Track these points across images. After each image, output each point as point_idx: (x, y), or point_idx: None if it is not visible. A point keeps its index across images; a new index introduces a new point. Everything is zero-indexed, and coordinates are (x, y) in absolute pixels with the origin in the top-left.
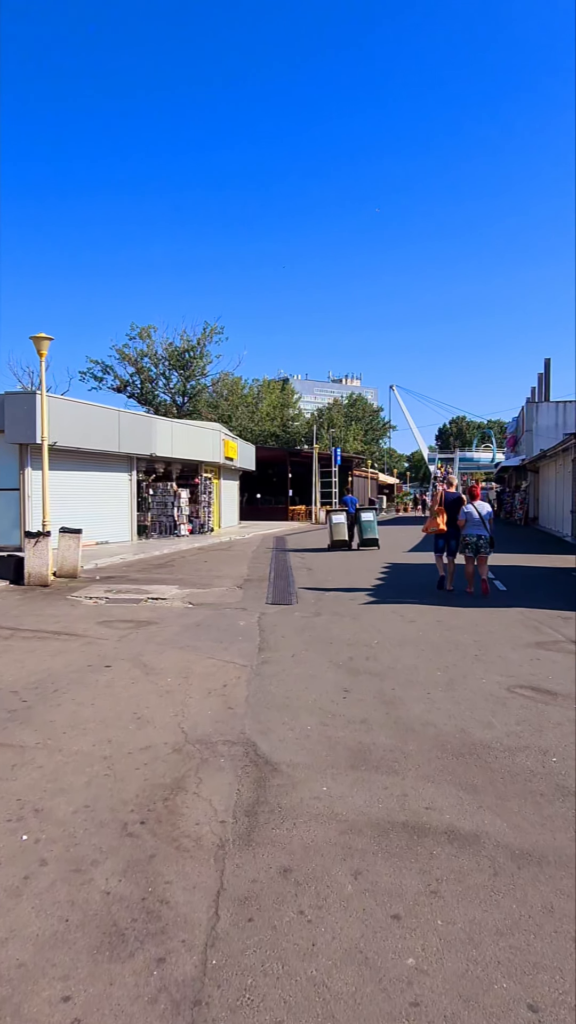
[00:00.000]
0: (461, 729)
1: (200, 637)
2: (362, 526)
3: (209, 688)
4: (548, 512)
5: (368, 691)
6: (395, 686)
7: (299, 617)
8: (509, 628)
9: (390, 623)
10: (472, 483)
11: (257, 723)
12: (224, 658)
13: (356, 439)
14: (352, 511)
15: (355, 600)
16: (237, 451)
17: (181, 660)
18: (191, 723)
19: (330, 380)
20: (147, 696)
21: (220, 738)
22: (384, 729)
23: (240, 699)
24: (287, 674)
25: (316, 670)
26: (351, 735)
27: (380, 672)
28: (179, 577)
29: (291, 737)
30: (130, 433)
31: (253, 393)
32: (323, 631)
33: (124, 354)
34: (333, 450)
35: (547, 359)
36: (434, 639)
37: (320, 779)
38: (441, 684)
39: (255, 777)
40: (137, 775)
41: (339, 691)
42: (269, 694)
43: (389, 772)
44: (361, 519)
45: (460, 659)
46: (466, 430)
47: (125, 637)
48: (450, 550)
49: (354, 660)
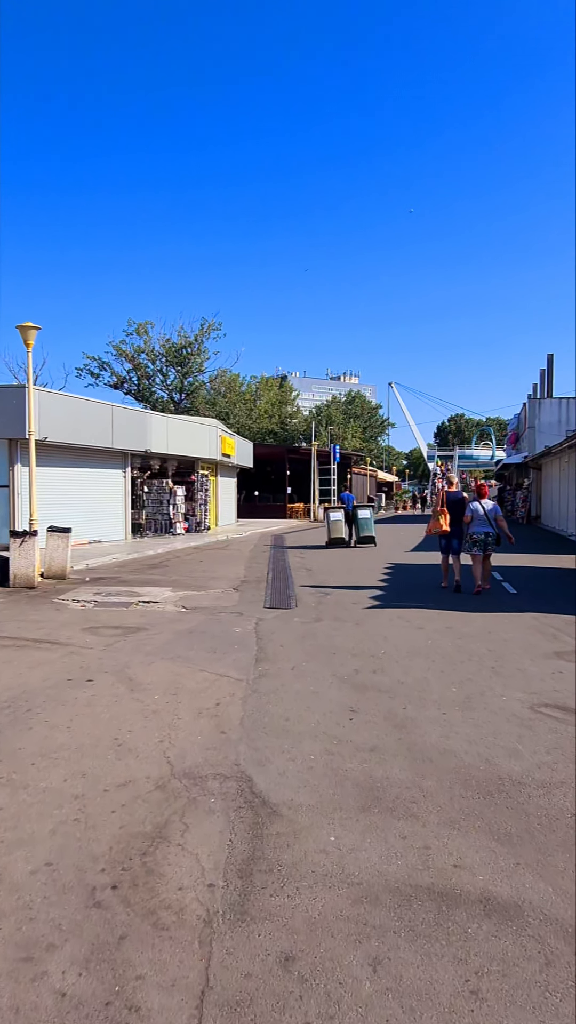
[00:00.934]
0: (485, 759)
1: (192, 646)
2: (359, 524)
3: (200, 707)
4: (551, 510)
5: (377, 711)
6: (406, 704)
7: (299, 623)
8: (524, 636)
9: (397, 630)
10: (471, 481)
11: (253, 751)
12: (218, 671)
13: (355, 436)
14: (349, 508)
15: (358, 604)
16: (234, 448)
17: (171, 673)
18: (178, 751)
19: (328, 377)
20: (131, 717)
21: (211, 770)
22: (397, 759)
23: (234, 721)
24: (286, 690)
25: (318, 685)
26: (360, 767)
27: (389, 688)
28: (173, 578)
29: (292, 769)
30: (124, 429)
31: (251, 390)
32: (325, 639)
33: (121, 350)
34: (332, 447)
35: (550, 355)
36: (445, 648)
37: (327, 825)
38: (457, 702)
39: (251, 823)
40: (112, 820)
41: (344, 711)
42: (267, 715)
43: (407, 816)
44: (358, 517)
45: (475, 672)
46: (464, 428)
47: (112, 646)
48: (454, 549)
49: (360, 673)
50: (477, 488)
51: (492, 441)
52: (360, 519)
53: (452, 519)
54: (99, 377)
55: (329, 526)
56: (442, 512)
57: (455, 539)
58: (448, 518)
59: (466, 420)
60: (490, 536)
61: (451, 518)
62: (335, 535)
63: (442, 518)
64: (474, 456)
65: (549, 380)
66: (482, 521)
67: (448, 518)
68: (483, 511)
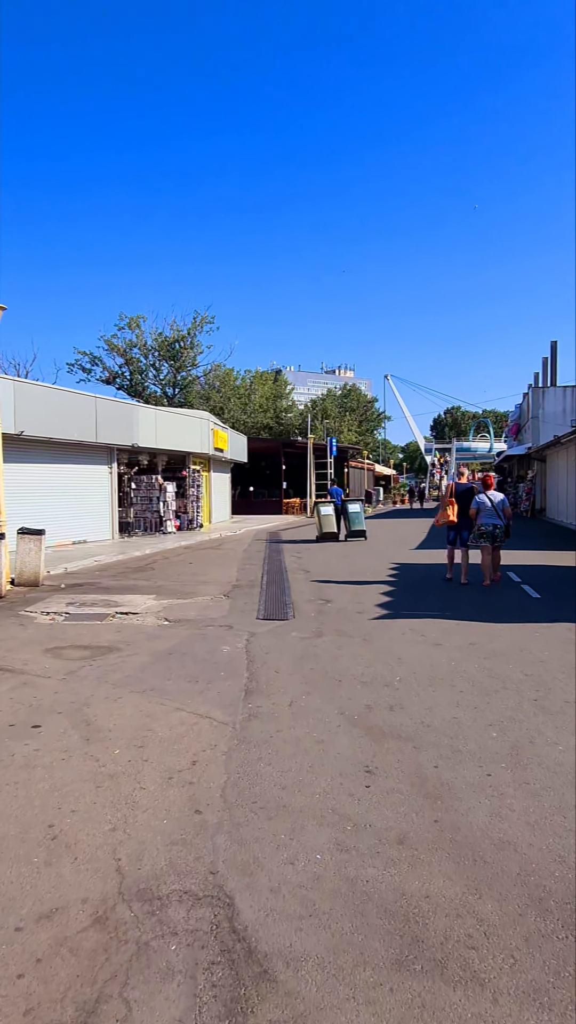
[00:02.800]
0: (558, 857)
1: (171, 673)
2: (350, 518)
3: (172, 768)
4: (557, 503)
5: (400, 771)
6: (437, 760)
7: (297, 639)
8: (563, 654)
9: (411, 647)
10: (469, 474)
11: (237, 846)
12: (198, 709)
13: (351, 430)
14: (339, 503)
15: (363, 613)
16: (227, 442)
17: (140, 713)
18: (134, 847)
19: (323, 371)
20: (78, 786)
21: (176, 884)
22: (437, 858)
23: (214, 791)
24: (283, 739)
25: (323, 730)
26: (386, 875)
27: (412, 733)
28: (158, 584)
29: (291, 880)
30: (109, 422)
31: (245, 385)
32: (328, 661)
33: (113, 345)
34: (329, 440)
35: (553, 342)
36: (472, 673)
37: (347, 1004)
38: (502, 755)
39: (228, 998)
40: (14, 994)
41: (358, 771)
42: (257, 780)
43: (465, 978)
44: (348, 511)
45: (515, 707)
46: (461, 420)
47: (75, 673)
48: (462, 540)
49: (373, 711)
50: (484, 479)
51: (490, 433)
52: (351, 514)
53: (461, 511)
54: (91, 372)
55: (320, 520)
56: (450, 503)
57: (464, 531)
58: (456, 509)
59: (462, 412)
60: (498, 528)
61: (460, 509)
62: (326, 529)
63: (450, 509)
64: (472, 448)
65: (553, 368)
66: (490, 513)
67: (456, 509)
68: (490, 503)
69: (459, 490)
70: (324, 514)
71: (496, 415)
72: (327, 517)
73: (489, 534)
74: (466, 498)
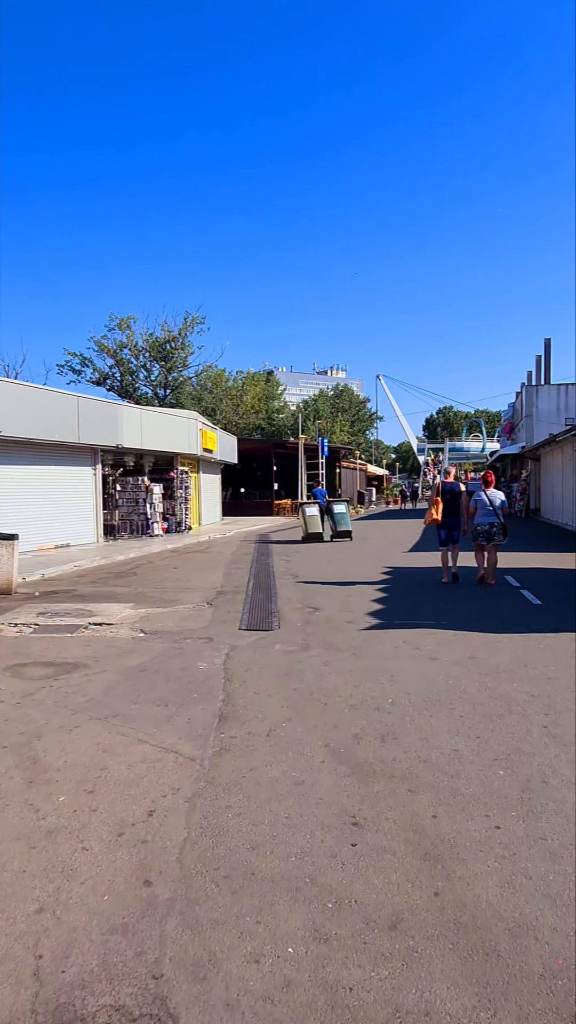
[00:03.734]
0: None
1: (139, 695)
2: (335, 518)
3: (123, 821)
4: (553, 503)
5: (393, 823)
6: (436, 808)
7: (281, 653)
8: (571, 670)
9: (405, 662)
10: (460, 474)
11: (191, 936)
12: (164, 740)
13: (343, 430)
14: (323, 503)
15: (353, 623)
16: (217, 442)
17: (96, 748)
18: (63, 937)
19: (315, 372)
20: (7, 847)
21: (107, 998)
22: (439, 951)
23: (171, 853)
24: (258, 780)
25: (305, 767)
26: (377, 981)
27: (406, 771)
28: (138, 591)
29: (255, 994)
30: (92, 422)
31: (237, 386)
32: (314, 679)
33: (103, 346)
34: (320, 440)
35: (547, 339)
36: (472, 692)
37: None
38: (512, 800)
39: None
40: None
41: (344, 824)
42: (223, 837)
43: None
44: (334, 511)
45: (523, 736)
46: (453, 420)
47: (32, 696)
48: (453, 539)
49: (362, 741)
50: (484, 477)
51: (483, 433)
52: (336, 514)
53: (447, 510)
54: (81, 374)
55: (305, 521)
56: (436, 502)
57: (454, 531)
58: (441, 508)
59: (454, 412)
60: (495, 527)
61: (446, 509)
62: (311, 530)
63: (435, 508)
64: (465, 448)
65: (547, 366)
66: (488, 512)
67: (441, 508)
68: (489, 502)
69: (445, 489)
70: (309, 515)
71: (488, 415)
72: (312, 518)
73: (485, 533)
74: (453, 497)
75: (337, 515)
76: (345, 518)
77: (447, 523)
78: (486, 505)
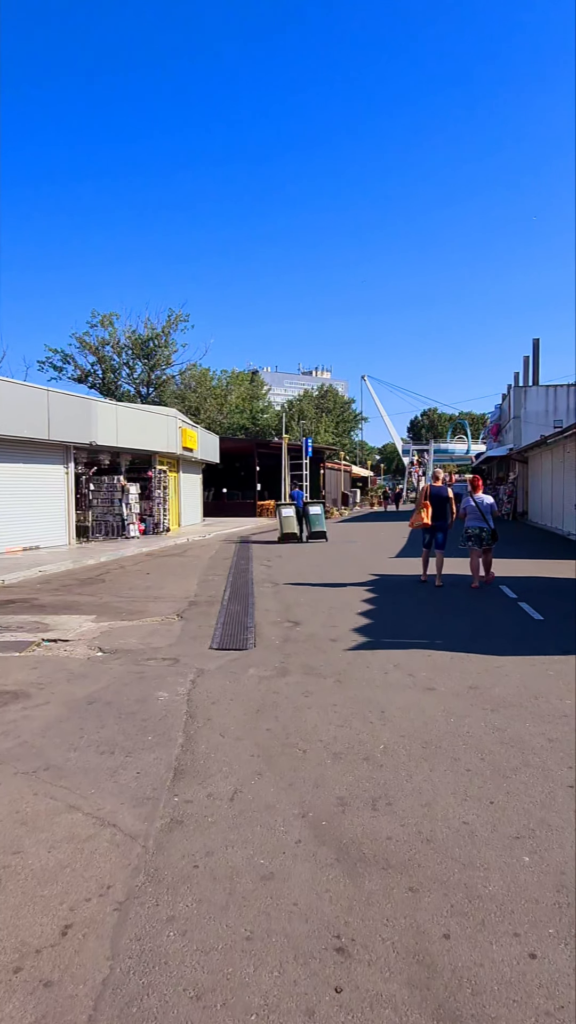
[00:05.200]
0: None
1: (83, 735)
2: (310, 519)
3: (25, 945)
4: (541, 506)
5: (391, 949)
6: (447, 920)
7: (255, 679)
8: None
9: (397, 692)
10: (446, 476)
11: None
12: (103, 805)
13: (327, 431)
14: (299, 505)
15: (338, 640)
16: (197, 441)
17: (13, 818)
18: None
19: (300, 372)
20: None
21: None
22: None
23: (81, 1009)
24: (214, 873)
25: (275, 850)
26: None
27: (405, 857)
28: (103, 600)
29: None
30: (64, 417)
31: (222, 385)
32: (291, 716)
33: (85, 343)
34: (304, 440)
35: (536, 339)
36: (479, 735)
37: None
38: (545, 906)
39: None
40: None
41: (324, 950)
42: (158, 976)
43: None
44: (309, 513)
45: (547, 800)
46: (438, 422)
47: None
48: (437, 543)
49: (349, 809)
50: (471, 481)
51: (468, 435)
52: (311, 515)
53: (434, 514)
54: (62, 371)
55: (281, 522)
56: (424, 506)
57: (439, 533)
58: (430, 512)
59: (439, 414)
60: (485, 531)
61: (433, 513)
62: (287, 530)
63: (423, 512)
64: (449, 450)
65: (535, 367)
66: (477, 516)
67: (430, 512)
68: (477, 506)
69: (433, 493)
70: (285, 516)
71: (472, 417)
72: (288, 519)
73: (476, 537)
74: (440, 501)
75: (312, 516)
76: (320, 519)
77: (433, 527)
78: (475, 510)
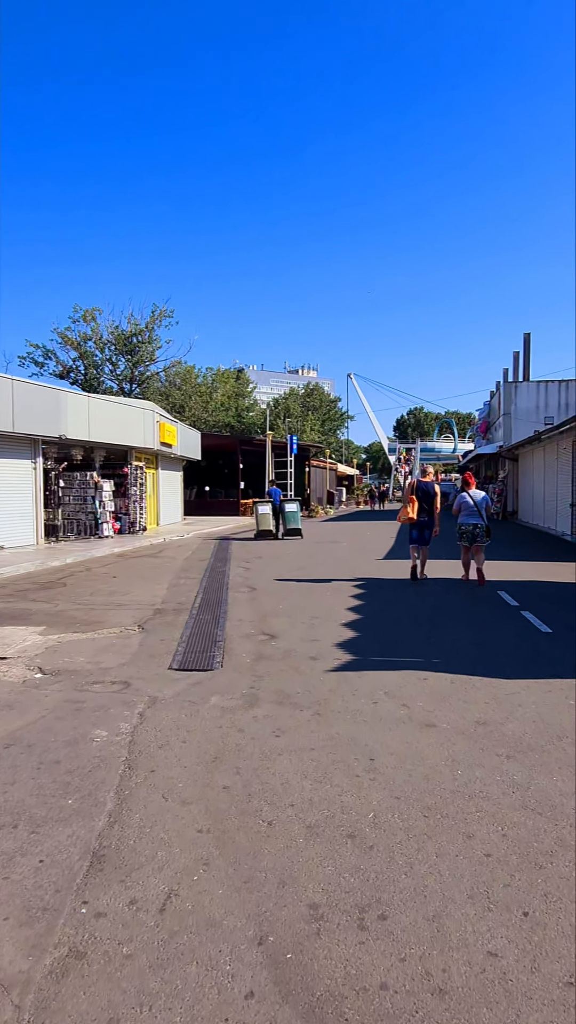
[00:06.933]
0: None
1: None
2: (286, 517)
3: None
4: (532, 505)
5: None
6: None
7: (217, 712)
8: None
9: (389, 730)
10: (442, 474)
11: None
12: None
13: (313, 429)
14: (277, 503)
15: (318, 658)
16: (177, 436)
17: None
18: None
19: (286, 371)
20: None
21: None
22: None
23: None
24: None
25: (212, 1010)
26: None
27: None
28: (58, 607)
29: None
30: (31, 409)
31: (207, 382)
32: (257, 767)
33: (67, 338)
34: (289, 438)
35: (527, 334)
36: (496, 796)
37: None
38: None
39: None
40: None
41: None
42: None
43: None
44: (285, 510)
45: None
46: (424, 421)
47: None
48: (423, 540)
49: (325, 923)
50: (464, 477)
51: (454, 433)
52: (287, 513)
53: (421, 509)
54: (44, 366)
55: (257, 519)
56: (411, 500)
57: (426, 530)
58: (416, 507)
59: (425, 413)
60: (479, 528)
61: (420, 507)
62: (263, 527)
63: (410, 507)
64: (436, 448)
65: (525, 362)
66: (471, 511)
67: (416, 507)
68: (473, 502)
69: (420, 488)
70: (261, 513)
71: (458, 416)
72: (264, 516)
73: (469, 533)
74: (427, 497)
75: (288, 514)
76: (296, 517)
77: (420, 522)
78: (470, 505)
